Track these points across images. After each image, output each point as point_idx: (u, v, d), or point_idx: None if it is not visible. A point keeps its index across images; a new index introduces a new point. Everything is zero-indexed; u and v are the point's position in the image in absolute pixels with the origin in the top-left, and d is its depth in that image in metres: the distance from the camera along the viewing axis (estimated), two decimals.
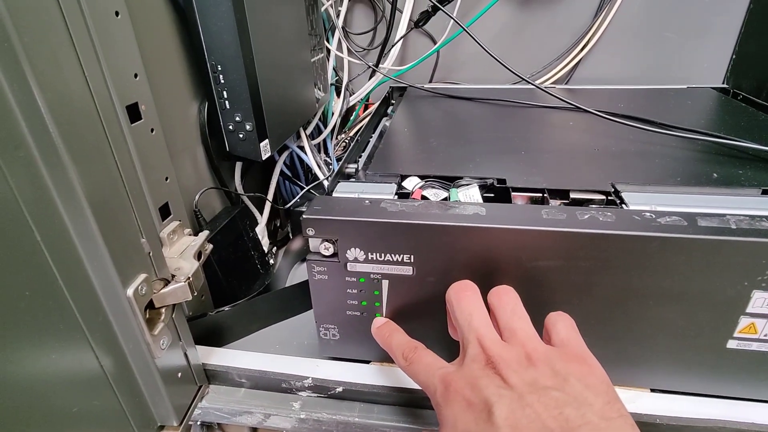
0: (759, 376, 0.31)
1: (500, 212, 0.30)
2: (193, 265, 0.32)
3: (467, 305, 0.27)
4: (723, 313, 0.29)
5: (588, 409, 0.21)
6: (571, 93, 0.62)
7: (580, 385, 0.22)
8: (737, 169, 0.37)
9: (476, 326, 0.26)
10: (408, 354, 0.28)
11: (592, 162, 0.40)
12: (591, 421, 0.20)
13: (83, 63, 0.24)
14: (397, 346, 0.30)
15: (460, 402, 0.23)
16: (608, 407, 0.21)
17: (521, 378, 0.23)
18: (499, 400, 0.22)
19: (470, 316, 0.26)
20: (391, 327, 0.32)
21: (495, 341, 0.25)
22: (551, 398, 0.21)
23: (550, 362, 0.23)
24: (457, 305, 0.27)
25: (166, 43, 0.38)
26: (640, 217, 0.29)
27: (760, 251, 0.27)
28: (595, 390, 0.22)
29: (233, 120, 0.41)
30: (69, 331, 0.25)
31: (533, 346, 0.25)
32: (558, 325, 0.26)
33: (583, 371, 0.23)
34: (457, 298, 0.28)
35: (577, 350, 0.25)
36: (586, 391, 0.22)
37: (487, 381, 0.23)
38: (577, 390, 0.22)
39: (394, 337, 0.31)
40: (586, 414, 0.20)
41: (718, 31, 0.65)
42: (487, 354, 0.24)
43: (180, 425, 0.33)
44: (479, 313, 0.27)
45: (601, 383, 0.23)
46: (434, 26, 0.69)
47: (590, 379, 0.23)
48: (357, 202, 0.32)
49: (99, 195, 0.24)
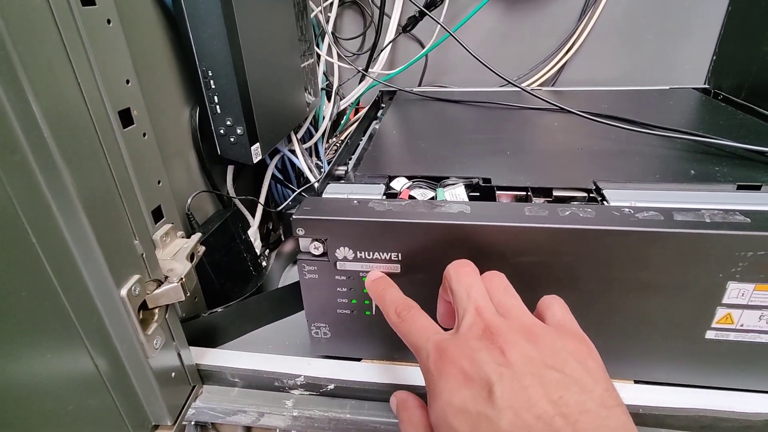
0: (737, 365, 0.32)
1: (485, 210, 0.31)
2: (186, 266, 0.32)
3: (466, 278, 0.27)
4: (701, 304, 0.30)
5: (588, 395, 0.20)
6: (556, 95, 0.64)
7: (579, 367, 0.22)
8: (714, 166, 0.38)
9: (475, 297, 0.25)
10: (401, 311, 0.27)
11: (575, 161, 0.42)
12: (590, 408, 0.20)
13: (77, 70, 0.24)
14: (391, 302, 0.29)
15: (456, 375, 0.22)
16: (607, 395, 0.21)
17: (521, 353, 0.22)
18: (500, 380, 0.21)
19: (469, 287, 0.26)
20: (386, 281, 0.31)
21: (493, 312, 0.24)
22: (551, 380, 0.21)
23: (550, 338, 0.23)
24: (456, 278, 0.27)
25: (157, 50, 0.39)
26: (618, 213, 0.30)
27: (734, 244, 0.28)
28: (594, 375, 0.22)
29: (224, 124, 0.42)
30: (64, 332, 0.25)
31: (531, 320, 0.24)
32: (554, 306, 0.26)
33: (582, 352, 0.23)
34: (457, 272, 0.27)
35: (574, 330, 0.25)
36: (586, 376, 0.21)
37: (486, 355, 0.22)
38: (577, 373, 0.21)
39: (389, 292, 0.30)
40: (586, 401, 0.20)
41: (699, 33, 0.67)
42: (486, 323, 0.23)
43: (174, 425, 0.33)
44: (478, 286, 0.26)
45: (599, 367, 0.22)
46: (422, 31, 0.70)
47: (589, 362, 0.22)
48: (346, 203, 0.33)
49: (93, 198, 0.25)
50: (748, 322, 0.30)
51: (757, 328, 0.30)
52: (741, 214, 0.29)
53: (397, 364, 0.37)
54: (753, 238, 0.27)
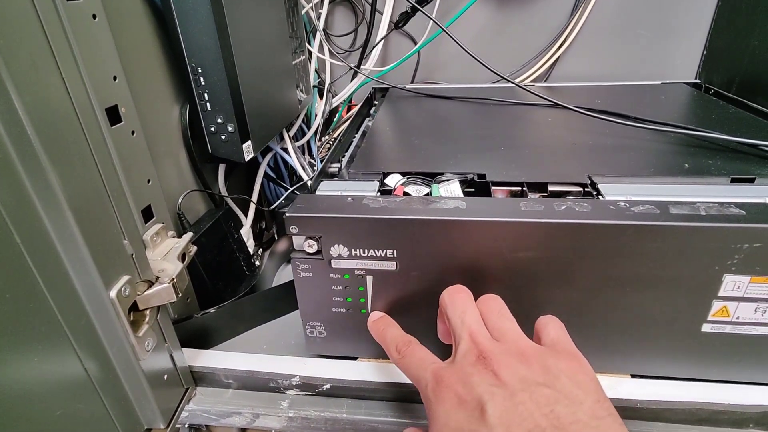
0: (733, 358, 0.32)
1: (480, 206, 0.31)
2: (177, 266, 0.32)
3: (460, 304, 0.28)
4: (697, 297, 0.30)
5: (578, 407, 0.21)
6: (549, 90, 0.64)
7: (570, 382, 0.22)
8: (707, 160, 0.38)
9: (468, 323, 0.26)
10: (401, 348, 0.29)
11: (570, 156, 0.41)
12: (581, 419, 0.21)
13: (61, 66, 0.24)
14: (391, 340, 0.30)
15: (451, 398, 0.23)
16: (598, 405, 0.22)
17: (513, 373, 0.23)
18: (491, 399, 0.22)
19: (463, 314, 0.27)
20: (386, 321, 0.33)
21: (487, 337, 0.26)
22: (542, 395, 0.22)
23: (542, 358, 0.24)
24: (451, 304, 0.28)
25: (145, 46, 0.38)
26: (614, 207, 0.30)
27: (729, 236, 0.28)
28: (585, 388, 0.22)
29: (215, 122, 0.41)
30: (51, 334, 0.25)
31: (524, 343, 0.25)
32: (549, 326, 0.27)
33: (573, 367, 0.23)
34: (451, 299, 0.28)
35: (568, 348, 0.25)
36: (576, 389, 0.22)
37: (479, 378, 0.23)
38: (567, 387, 0.22)
39: (389, 331, 0.31)
40: (576, 412, 0.21)
41: (690, 28, 0.67)
42: (479, 349, 0.25)
43: (167, 428, 0.33)
44: (471, 312, 0.27)
45: (591, 381, 0.23)
46: (415, 27, 0.69)
47: (580, 377, 0.23)
48: (340, 200, 0.32)
49: (80, 197, 0.24)
50: (744, 314, 0.30)
51: (752, 320, 0.30)
52: (736, 206, 0.29)
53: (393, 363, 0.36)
54: (748, 230, 0.27)
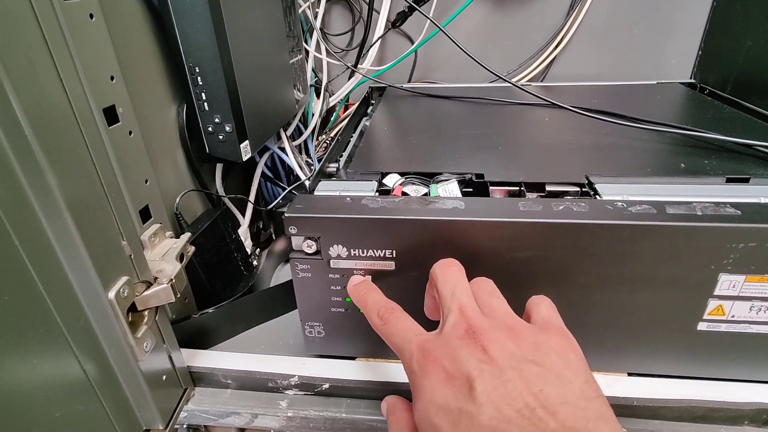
0: (728, 356, 0.32)
1: (478, 206, 0.31)
2: (176, 267, 0.32)
3: (452, 277, 0.27)
4: (693, 296, 0.30)
5: (567, 387, 0.21)
6: (546, 90, 0.64)
7: (560, 360, 0.22)
8: (703, 159, 0.38)
9: (459, 295, 0.25)
10: (384, 314, 0.28)
11: (567, 156, 0.42)
12: (570, 400, 0.20)
13: (58, 66, 0.24)
14: (373, 305, 0.29)
15: (438, 373, 0.22)
16: (587, 386, 0.21)
17: (502, 350, 0.22)
18: (480, 375, 0.21)
19: (454, 287, 0.26)
20: (367, 285, 0.31)
21: (477, 312, 0.25)
22: (532, 373, 0.21)
23: (532, 335, 0.23)
24: (442, 277, 0.27)
25: (142, 46, 0.38)
26: (612, 207, 0.30)
27: (725, 235, 0.28)
28: (574, 368, 0.22)
29: (212, 121, 0.41)
30: (49, 335, 0.25)
31: (514, 320, 0.25)
32: (540, 305, 0.26)
33: (563, 346, 0.23)
34: (442, 272, 0.27)
35: (558, 326, 0.25)
36: (566, 369, 0.22)
37: (467, 353, 0.22)
38: (557, 367, 0.22)
39: (370, 296, 0.30)
40: (565, 393, 0.21)
41: (685, 28, 0.67)
42: (468, 323, 0.24)
43: (166, 428, 0.33)
44: (463, 285, 0.26)
45: (580, 360, 0.23)
46: (412, 27, 0.69)
47: (570, 356, 0.23)
48: (338, 200, 0.32)
49: (78, 198, 0.24)
50: (739, 313, 0.30)
51: (747, 318, 0.31)
52: (731, 206, 0.29)
53: (392, 362, 0.37)
54: (744, 230, 0.28)
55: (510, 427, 0.20)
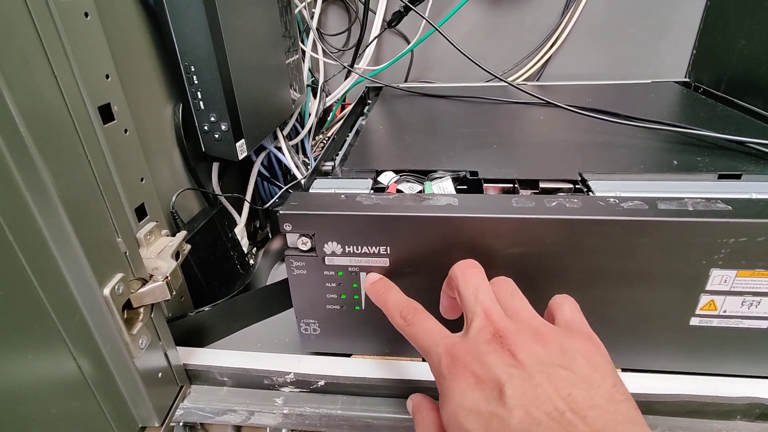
0: (721, 351, 0.33)
1: (472, 202, 0.31)
2: (171, 264, 0.32)
3: (473, 280, 0.27)
4: (685, 291, 0.31)
5: (596, 391, 0.21)
6: (541, 89, 0.64)
7: (587, 364, 0.22)
8: (696, 156, 0.39)
9: (483, 299, 0.25)
10: (407, 315, 0.27)
11: (561, 153, 0.42)
12: (598, 404, 0.20)
13: (53, 64, 0.24)
14: (394, 305, 0.29)
15: (467, 378, 0.23)
16: (615, 390, 0.21)
17: (530, 354, 0.22)
18: (510, 380, 0.21)
19: (477, 290, 0.26)
20: (385, 283, 0.31)
21: (502, 315, 0.25)
22: (560, 377, 0.21)
23: (558, 339, 0.23)
24: (463, 279, 0.27)
25: (138, 45, 0.38)
26: (604, 203, 0.30)
27: (716, 231, 0.28)
28: (602, 371, 0.22)
29: (208, 120, 0.41)
30: (45, 332, 0.25)
31: (539, 322, 0.25)
32: (563, 306, 0.26)
33: (589, 349, 0.23)
34: (463, 274, 0.27)
35: (583, 329, 0.25)
36: (594, 372, 0.22)
37: (496, 357, 0.22)
38: (585, 370, 0.22)
39: (391, 295, 0.29)
40: (594, 396, 0.21)
41: (680, 27, 0.68)
42: (495, 326, 0.24)
43: (162, 426, 0.33)
44: (485, 288, 0.26)
45: (607, 363, 0.23)
46: (408, 27, 0.70)
47: (597, 359, 0.23)
48: (333, 197, 0.33)
49: (73, 195, 0.24)
50: (731, 308, 0.31)
51: (739, 313, 0.31)
52: (722, 202, 0.29)
53: (388, 359, 0.37)
54: (734, 225, 0.28)
55: (540, 430, 0.20)
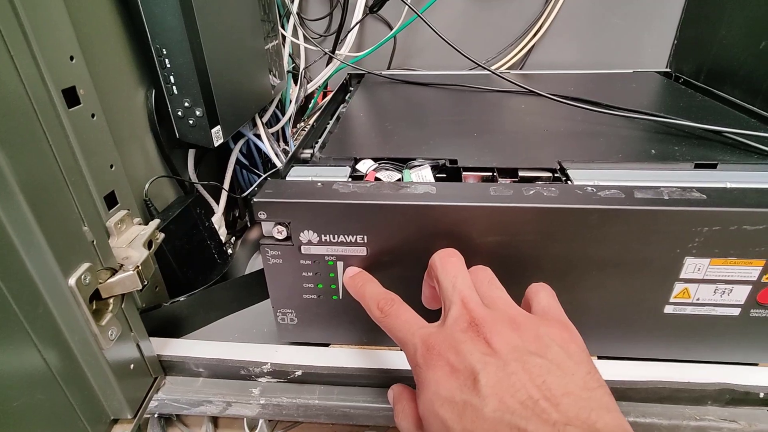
0: (693, 338, 0.33)
1: (450, 191, 0.31)
2: (143, 254, 0.31)
3: (452, 268, 0.27)
4: (660, 280, 0.31)
5: (570, 379, 0.21)
6: (524, 78, 0.64)
7: (562, 352, 0.22)
8: (673, 146, 0.39)
9: (460, 288, 0.26)
10: (384, 306, 0.28)
11: (541, 142, 0.42)
12: (572, 391, 0.20)
13: (9, 44, 0.22)
14: (372, 297, 0.29)
15: (443, 367, 0.23)
16: (589, 377, 0.21)
17: (505, 342, 0.22)
18: (484, 368, 0.22)
19: (455, 278, 0.26)
20: (364, 276, 0.31)
21: (479, 303, 0.25)
22: (535, 365, 0.21)
23: (533, 326, 0.23)
24: (442, 268, 0.27)
25: (106, 26, 0.36)
26: (581, 192, 0.30)
27: (690, 219, 0.28)
28: (576, 358, 0.22)
29: (182, 105, 0.40)
30: (5, 323, 0.24)
31: (516, 311, 0.25)
32: (540, 294, 0.27)
33: (564, 337, 0.23)
34: (442, 263, 0.27)
35: (559, 317, 0.25)
36: (568, 360, 0.22)
37: (471, 346, 0.23)
38: (559, 357, 0.22)
39: (368, 287, 0.30)
40: (568, 384, 0.21)
41: (662, 18, 0.68)
42: (471, 315, 0.24)
43: (135, 418, 0.32)
44: (464, 277, 0.26)
45: (582, 351, 0.23)
46: (391, 12, 0.69)
47: (571, 347, 0.23)
48: (309, 185, 0.32)
49: (33, 181, 0.23)
50: (704, 295, 0.31)
51: (711, 301, 0.31)
52: (698, 191, 0.30)
53: (365, 348, 0.37)
54: (708, 213, 0.28)
55: (514, 418, 0.20)
